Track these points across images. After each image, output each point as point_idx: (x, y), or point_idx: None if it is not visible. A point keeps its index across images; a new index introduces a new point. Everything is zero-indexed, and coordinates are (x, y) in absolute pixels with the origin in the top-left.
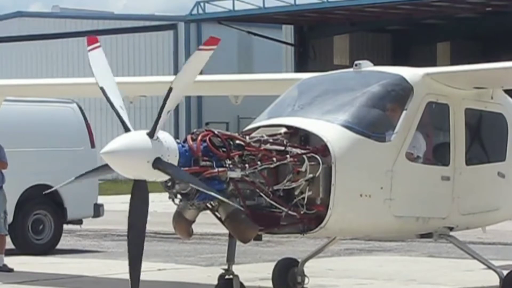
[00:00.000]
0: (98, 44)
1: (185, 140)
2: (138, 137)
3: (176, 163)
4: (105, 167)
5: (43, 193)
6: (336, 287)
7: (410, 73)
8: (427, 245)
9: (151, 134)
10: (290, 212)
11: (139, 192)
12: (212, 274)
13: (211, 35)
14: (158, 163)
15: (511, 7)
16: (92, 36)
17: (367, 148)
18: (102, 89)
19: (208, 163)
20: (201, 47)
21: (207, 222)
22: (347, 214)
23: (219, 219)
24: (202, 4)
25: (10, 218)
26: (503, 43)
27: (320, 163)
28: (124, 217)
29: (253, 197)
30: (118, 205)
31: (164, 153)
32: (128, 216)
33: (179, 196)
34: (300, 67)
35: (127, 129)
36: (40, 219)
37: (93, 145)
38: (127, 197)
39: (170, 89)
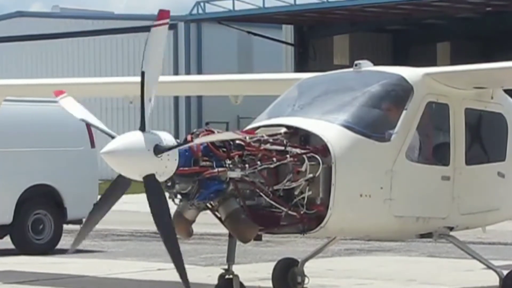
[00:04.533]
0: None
1: (185, 140)
2: (133, 135)
3: (176, 164)
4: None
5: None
6: (336, 287)
7: (410, 73)
8: (427, 245)
9: (142, 128)
10: (290, 212)
11: (152, 187)
12: (212, 274)
13: (160, 9)
14: (158, 148)
15: (511, 7)
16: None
17: (367, 148)
18: (142, 73)
19: (208, 163)
20: (154, 23)
21: (207, 222)
22: (347, 214)
23: (219, 219)
24: (202, 4)
25: (10, 218)
26: (503, 43)
27: (320, 163)
28: (124, 217)
29: (253, 197)
30: (118, 205)
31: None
32: (152, 216)
33: (179, 196)
34: (300, 67)
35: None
36: (40, 219)
37: (93, 145)
38: (127, 197)
39: (143, 73)
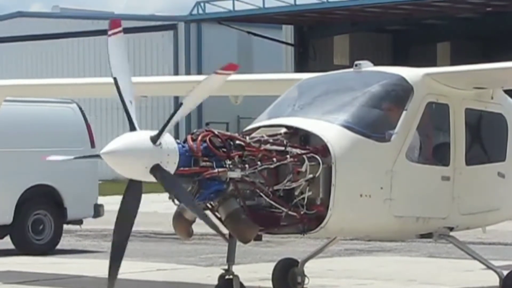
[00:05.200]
0: (120, 29)
1: (185, 141)
2: (140, 139)
3: (176, 164)
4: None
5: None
6: (336, 287)
7: (410, 73)
8: (427, 245)
9: (154, 139)
10: (290, 212)
11: (133, 192)
12: (212, 274)
13: (231, 62)
14: (155, 170)
15: (511, 7)
16: (116, 19)
17: (367, 148)
18: (114, 79)
19: (208, 163)
20: (218, 70)
21: None
22: (347, 214)
23: (219, 219)
24: (202, 4)
25: (10, 218)
26: (503, 43)
27: (320, 163)
28: None
29: (253, 197)
30: (118, 205)
31: (163, 159)
32: (117, 214)
33: None
34: (300, 67)
35: (132, 126)
36: (40, 219)
37: (93, 145)
38: None
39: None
